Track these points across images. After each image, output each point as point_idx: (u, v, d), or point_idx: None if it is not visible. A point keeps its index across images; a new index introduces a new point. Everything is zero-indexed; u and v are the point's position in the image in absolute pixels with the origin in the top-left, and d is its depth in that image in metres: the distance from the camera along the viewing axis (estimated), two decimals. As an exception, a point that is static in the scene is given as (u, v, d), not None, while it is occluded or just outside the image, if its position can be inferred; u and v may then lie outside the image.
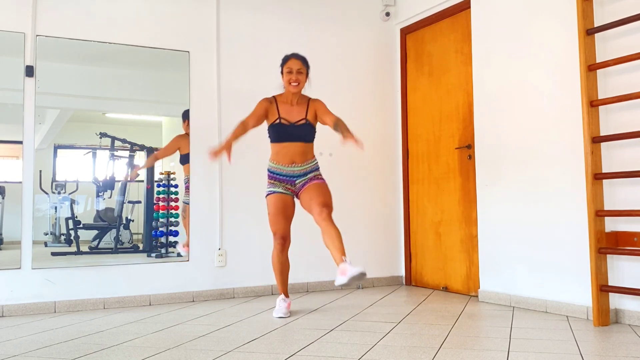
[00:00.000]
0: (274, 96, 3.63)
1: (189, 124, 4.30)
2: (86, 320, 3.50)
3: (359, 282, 3.17)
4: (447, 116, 4.56)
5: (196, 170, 4.30)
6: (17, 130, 3.80)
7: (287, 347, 2.72)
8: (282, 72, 3.60)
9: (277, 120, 3.54)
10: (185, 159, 4.30)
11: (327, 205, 3.42)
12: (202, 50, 4.40)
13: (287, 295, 3.65)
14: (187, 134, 4.30)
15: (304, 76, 3.57)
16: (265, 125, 3.68)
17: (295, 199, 3.64)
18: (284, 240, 3.55)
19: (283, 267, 3.61)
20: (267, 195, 3.58)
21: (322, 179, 3.60)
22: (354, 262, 4.78)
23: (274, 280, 4.39)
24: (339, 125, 3.35)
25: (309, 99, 3.64)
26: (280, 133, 3.54)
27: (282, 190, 3.55)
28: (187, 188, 4.28)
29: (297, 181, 3.55)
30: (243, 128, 3.45)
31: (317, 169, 3.62)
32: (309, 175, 3.56)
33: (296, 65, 3.54)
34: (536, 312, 3.60)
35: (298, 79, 3.52)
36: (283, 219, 3.53)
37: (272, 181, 3.58)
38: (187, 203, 4.28)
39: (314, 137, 3.63)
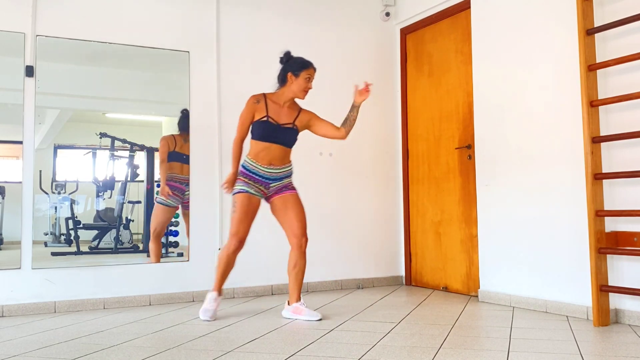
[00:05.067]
0: (263, 94, 3.55)
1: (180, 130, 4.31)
2: (86, 320, 3.50)
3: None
4: (447, 116, 4.56)
5: (196, 170, 4.30)
6: (17, 130, 3.81)
7: (287, 347, 2.72)
8: (295, 74, 3.48)
9: (265, 118, 3.46)
10: (171, 157, 4.27)
11: (305, 233, 3.52)
12: (202, 50, 4.40)
13: (220, 294, 3.51)
14: (172, 135, 4.27)
15: None
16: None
17: (263, 202, 3.58)
18: (240, 244, 3.43)
19: (229, 267, 3.48)
20: (237, 192, 3.44)
21: (295, 188, 3.58)
22: (352, 268, 4.83)
23: (274, 280, 4.41)
24: (353, 111, 3.54)
25: (301, 108, 3.61)
26: (265, 132, 3.45)
27: (254, 192, 3.45)
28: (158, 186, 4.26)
29: (271, 184, 3.49)
30: (239, 147, 3.54)
31: (291, 174, 3.59)
32: (285, 182, 3.54)
33: (313, 75, 3.55)
34: (536, 312, 3.60)
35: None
36: (248, 221, 3.43)
37: (245, 179, 3.45)
38: (161, 203, 4.25)
39: (294, 144, 3.57)
